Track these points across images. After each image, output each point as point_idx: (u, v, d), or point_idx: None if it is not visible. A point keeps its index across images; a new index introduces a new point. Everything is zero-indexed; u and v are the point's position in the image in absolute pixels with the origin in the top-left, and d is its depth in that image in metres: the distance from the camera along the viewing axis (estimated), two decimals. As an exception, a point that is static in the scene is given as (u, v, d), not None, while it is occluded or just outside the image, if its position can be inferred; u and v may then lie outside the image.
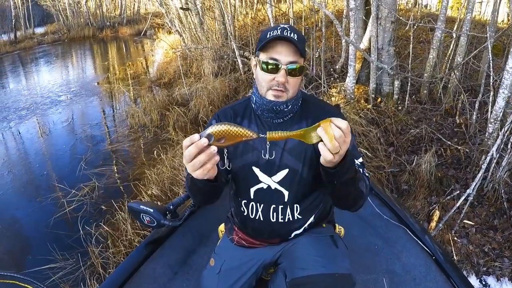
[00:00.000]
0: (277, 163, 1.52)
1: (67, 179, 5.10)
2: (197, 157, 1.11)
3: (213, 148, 1.11)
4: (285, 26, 1.41)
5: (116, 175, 5.17)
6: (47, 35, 22.91)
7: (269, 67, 1.41)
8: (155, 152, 5.36)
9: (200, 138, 1.09)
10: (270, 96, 1.46)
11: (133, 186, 4.63)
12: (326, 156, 1.13)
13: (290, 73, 1.41)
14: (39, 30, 24.80)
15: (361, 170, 1.45)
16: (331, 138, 1.09)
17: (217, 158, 1.15)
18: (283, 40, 1.38)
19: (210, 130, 1.11)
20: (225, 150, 1.53)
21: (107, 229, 3.85)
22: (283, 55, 1.39)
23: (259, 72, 1.46)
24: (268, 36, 1.39)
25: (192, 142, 1.09)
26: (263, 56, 1.43)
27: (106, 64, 14.11)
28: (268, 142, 1.19)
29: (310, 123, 1.51)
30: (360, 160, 1.51)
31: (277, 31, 1.38)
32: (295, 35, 1.38)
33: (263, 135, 1.15)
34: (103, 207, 4.32)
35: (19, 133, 7.43)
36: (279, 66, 1.39)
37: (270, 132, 1.13)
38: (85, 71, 13.91)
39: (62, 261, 3.57)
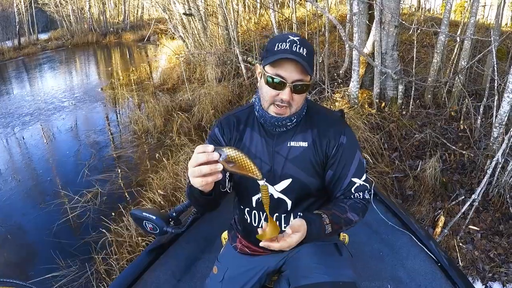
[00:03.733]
0: (280, 172, 1.51)
1: (71, 185, 5.11)
2: (202, 166, 1.12)
3: (219, 165, 1.12)
4: (295, 38, 1.35)
5: (119, 181, 5.16)
6: (50, 41, 23.01)
7: (274, 81, 1.36)
8: (158, 158, 5.35)
9: (214, 151, 1.11)
10: (272, 111, 1.44)
11: (136, 192, 4.62)
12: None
13: (296, 90, 1.37)
14: (43, 36, 24.90)
15: (360, 194, 1.50)
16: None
17: (220, 176, 1.16)
18: (292, 58, 1.32)
19: (227, 149, 1.13)
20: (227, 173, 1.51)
21: (110, 235, 3.84)
22: (289, 72, 1.34)
23: (264, 85, 1.41)
24: (276, 49, 1.33)
25: (205, 151, 1.11)
26: (269, 70, 1.37)
27: (110, 70, 14.17)
28: (262, 182, 1.23)
29: (316, 135, 1.50)
30: (363, 178, 1.51)
31: (286, 45, 1.33)
32: (304, 49, 1.33)
33: (263, 182, 1.21)
34: (106, 213, 4.30)
35: (23, 139, 7.45)
36: (285, 83, 1.35)
37: (266, 187, 1.23)
38: (89, 77, 13.96)
39: (65, 268, 3.57)
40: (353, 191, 1.48)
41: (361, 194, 1.48)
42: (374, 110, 5.52)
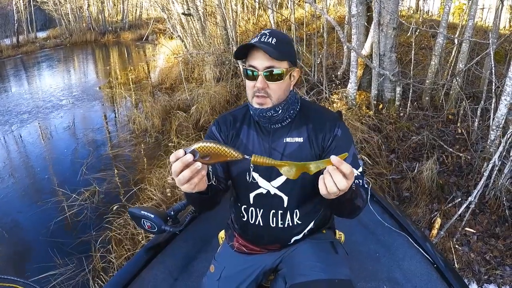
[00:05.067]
0: (276, 168, 1.51)
1: (68, 183, 5.11)
2: (182, 172, 1.14)
3: (198, 164, 1.14)
4: (265, 31, 1.43)
5: (117, 180, 5.17)
6: (49, 40, 23.01)
7: (248, 73, 1.42)
8: (156, 157, 5.36)
9: (186, 154, 1.12)
10: (254, 103, 1.47)
11: (134, 191, 4.62)
12: (327, 196, 1.19)
13: (269, 78, 1.41)
14: (42, 35, 24.92)
15: (360, 181, 1.47)
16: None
17: (204, 173, 1.19)
18: (254, 44, 1.39)
19: (196, 146, 1.14)
20: (209, 167, 1.52)
21: (108, 233, 3.84)
22: (259, 60, 1.40)
23: (245, 80, 1.48)
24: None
25: (177, 157, 1.13)
26: (244, 64, 1.45)
27: (108, 68, 14.17)
28: (252, 165, 1.22)
29: (311, 129, 1.52)
30: (360, 170, 1.51)
31: (256, 38, 1.41)
32: (273, 39, 1.39)
33: (248, 157, 1.19)
34: (103, 211, 4.30)
35: (21, 136, 7.45)
36: (257, 72, 1.40)
37: (256, 156, 1.18)
38: (87, 75, 13.95)
39: (62, 267, 3.57)
40: None
41: (360, 181, 1.48)
42: (371, 111, 5.53)
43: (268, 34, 1.41)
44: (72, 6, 23.91)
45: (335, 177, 1.12)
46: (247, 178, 1.55)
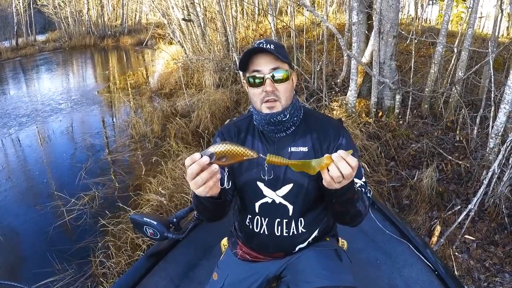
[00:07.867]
0: (281, 178, 1.53)
1: (67, 188, 5.08)
2: (199, 175, 1.15)
3: (215, 166, 1.16)
4: (261, 40, 1.46)
5: (116, 185, 5.15)
6: (48, 43, 23.08)
7: (255, 80, 1.45)
8: (155, 163, 5.34)
9: (202, 157, 1.13)
10: (264, 109, 1.48)
11: (133, 197, 4.59)
12: (331, 185, 1.22)
13: (276, 80, 1.44)
14: (41, 38, 25.01)
15: (362, 189, 1.49)
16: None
17: (219, 176, 1.21)
18: (259, 51, 1.42)
19: (212, 149, 1.15)
20: (226, 170, 1.54)
21: (108, 239, 3.82)
22: (263, 65, 1.43)
23: (249, 89, 1.50)
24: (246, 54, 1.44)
25: (194, 161, 1.14)
26: (247, 73, 1.48)
27: (107, 73, 14.18)
28: (266, 164, 1.23)
29: (315, 139, 1.54)
30: (363, 179, 1.53)
31: (253, 46, 1.44)
32: (271, 45, 1.43)
33: (263, 156, 1.20)
34: (103, 216, 4.26)
35: (19, 140, 7.43)
36: (264, 76, 1.43)
37: (270, 155, 1.20)
38: (86, 79, 13.96)
39: (61, 273, 3.54)
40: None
41: (363, 189, 1.50)
42: (371, 119, 5.54)
43: (264, 42, 1.44)
44: (71, 10, 23.99)
45: (340, 164, 1.15)
46: (262, 176, 1.55)
